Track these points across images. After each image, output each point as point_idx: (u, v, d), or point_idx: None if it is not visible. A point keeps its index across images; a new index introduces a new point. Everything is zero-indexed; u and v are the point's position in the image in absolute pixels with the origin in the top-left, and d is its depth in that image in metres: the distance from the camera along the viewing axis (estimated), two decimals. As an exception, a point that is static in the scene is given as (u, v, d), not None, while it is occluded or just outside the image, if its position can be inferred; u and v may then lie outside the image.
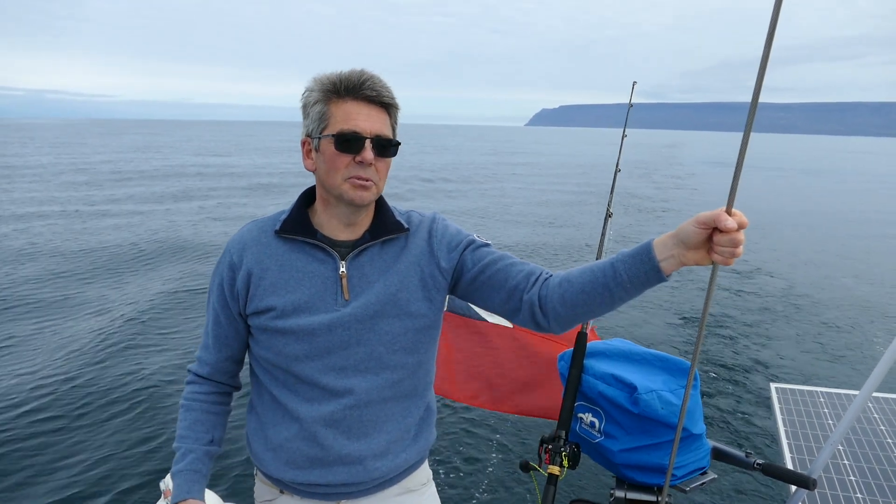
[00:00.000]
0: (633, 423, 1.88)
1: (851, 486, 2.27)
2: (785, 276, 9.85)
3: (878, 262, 10.83)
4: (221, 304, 1.44)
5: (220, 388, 1.55)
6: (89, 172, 25.97)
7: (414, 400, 1.49)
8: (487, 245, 1.46)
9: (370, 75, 1.33)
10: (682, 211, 17.79)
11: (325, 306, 1.37)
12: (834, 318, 7.73)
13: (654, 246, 1.17)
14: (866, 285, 9.17)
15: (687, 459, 1.90)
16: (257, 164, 33.19)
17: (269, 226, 1.43)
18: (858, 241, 13.07)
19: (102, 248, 10.92)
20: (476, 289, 1.43)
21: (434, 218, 1.49)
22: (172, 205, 16.67)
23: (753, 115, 0.96)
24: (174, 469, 1.45)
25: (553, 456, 1.85)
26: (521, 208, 17.93)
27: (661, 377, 1.93)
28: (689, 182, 27.74)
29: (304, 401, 1.40)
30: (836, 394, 3.11)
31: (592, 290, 1.25)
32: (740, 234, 1.05)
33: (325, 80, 1.33)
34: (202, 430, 1.49)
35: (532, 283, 1.35)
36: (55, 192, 18.75)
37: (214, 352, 1.49)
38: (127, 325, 7.03)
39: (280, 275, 1.38)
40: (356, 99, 1.32)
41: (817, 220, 16.40)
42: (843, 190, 26.25)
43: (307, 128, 1.37)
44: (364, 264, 1.40)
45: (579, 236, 13.60)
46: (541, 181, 27.26)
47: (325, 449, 1.40)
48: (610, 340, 2.19)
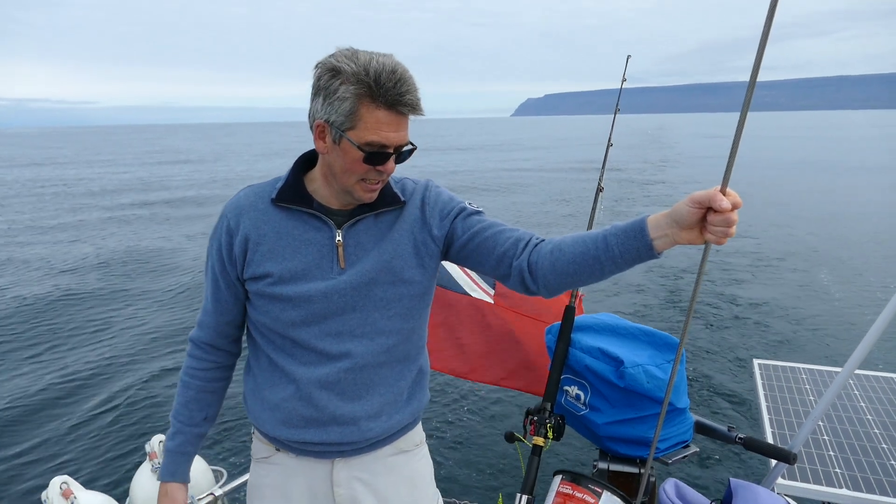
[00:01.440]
0: (618, 396, 1.90)
1: (830, 461, 2.31)
2: (771, 252, 9.92)
3: (866, 243, 10.92)
4: (220, 269, 1.44)
5: (221, 357, 1.54)
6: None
7: (407, 364, 1.51)
8: (479, 212, 1.46)
9: (407, 81, 1.24)
10: (668, 183, 17.82)
11: (321, 274, 1.38)
12: (819, 294, 7.82)
13: (648, 224, 1.17)
14: (852, 265, 9.26)
15: (670, 433, 1.92)
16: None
17: (265, 192, 1.42)
18: (849, 221, 13.15)
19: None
20: (467, 255, 1.44)
21: (427, 185, 1.49)
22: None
23: (751, 94, 0.94)
24: (166, 444, 1.51)
25: (538, 427, 1.86)
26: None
27: (648, 352, 1.94)
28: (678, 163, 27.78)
29: (300, 364, 1.42)
30: (817, 370, 3.15)
31: (583, 262, 1.26)
32: (734, 215, 1.05)
33: (358, 71, 1.22)
34: (196, 408, 1.52)
35: (521, 249, 1.36)
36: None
37: (215, 315, 1.49)
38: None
39: (277, 242, 1.39)
40: (390, 109, 1.24)
41: (808, 197, 16.46)
42: (837, 168, 26.28)
43: (327, 114, 1.26)
44: (360, 233, 1.40)
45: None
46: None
47: (319, 409, 1.42)
48: (598, 314, 2.20)
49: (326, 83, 1.25)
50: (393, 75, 1.22)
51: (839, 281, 8.44)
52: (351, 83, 1.22)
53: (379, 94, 1.22)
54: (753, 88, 0.95)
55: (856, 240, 10.99)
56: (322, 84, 1.26)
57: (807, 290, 8.06)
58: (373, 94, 1.22)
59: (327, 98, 1.25)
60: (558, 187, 18.57)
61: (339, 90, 1.23)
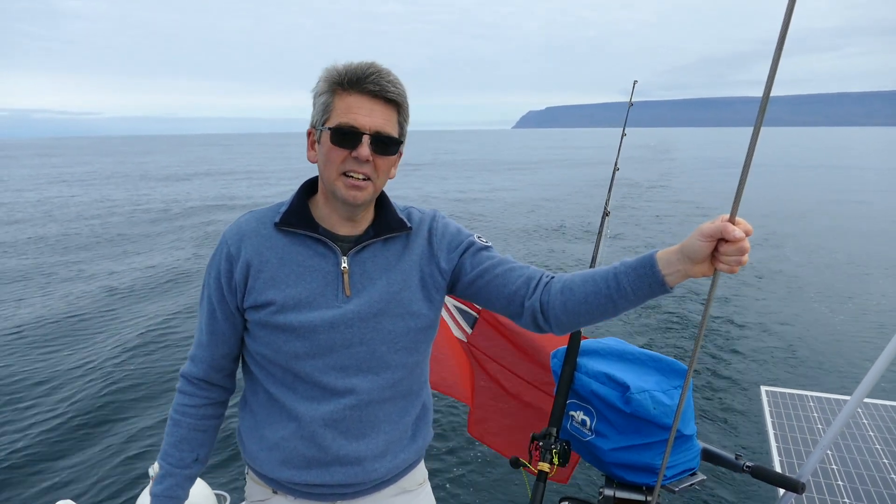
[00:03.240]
0: (624, 422, 1.88)
1: (839, 491, 2.28)
2: (780, 278, 9.88)
3: (877, 264, 10.86)
4: (218, 298, 1.38)
5: (214, 393, 1.47)
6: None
7: (411, 399, 1.48)
8: (488, 248, 1.44)
9: (378, 69, 1.28)
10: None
11: (325, 302, 1.34)
12: (828, 322, 7.76)
13: (658, 260, 1.17)
14: (861, 292, 9.20)
15: (677, 460, 1.90)
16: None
17: (268, 217, 1.38)
18: (860, 242, 13.07)
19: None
20: (475, 292, 1.42)
21: (434, 216, 1.47)
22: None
23: (762, 118, 0.93)
24: (153, 489, 1.44)
25: (543, 453, 1.85)
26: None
27: (654, 377, 1.93)
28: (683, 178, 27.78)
29: (303, 399, 1.36)
30: (825, 398, 3.12)
31: (595, 301, 1.26)
32: (746, 243, 1.04)
33: (333, 70, 1.29)
34: (187, 448, 1.45)
35: (533, 288, 1.35)
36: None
37: (210, 349, 1.43)
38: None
39: (280, 268, 1.34)
40: (360, 92, 1.28)
41: (817, 220, 16.37)
42: (845, 185, 26.10)
43: (312, 118, 1.34)
44: (366, 260, 1.37)
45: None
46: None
47: (323, 449, 1.37)
48: (604, 339, 2.19)
49: (313, 94, 1.33)
50: (364, 66, 1.28)
51: (849, 307, 8.38)
52: (327, 82, 1.30)
53: (347, 81, 1.28)
54: (763, 115, 0.93)
55: (867, 264, 10.93)
56: (313, 95, 1.33)
57: (816, 315, 8.01)
58: (342, 83, 1.28)
59: (314, 105, 1.33)
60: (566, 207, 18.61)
61: (320, 90, 1.31)
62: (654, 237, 13.79)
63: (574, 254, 11.82)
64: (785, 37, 0.87)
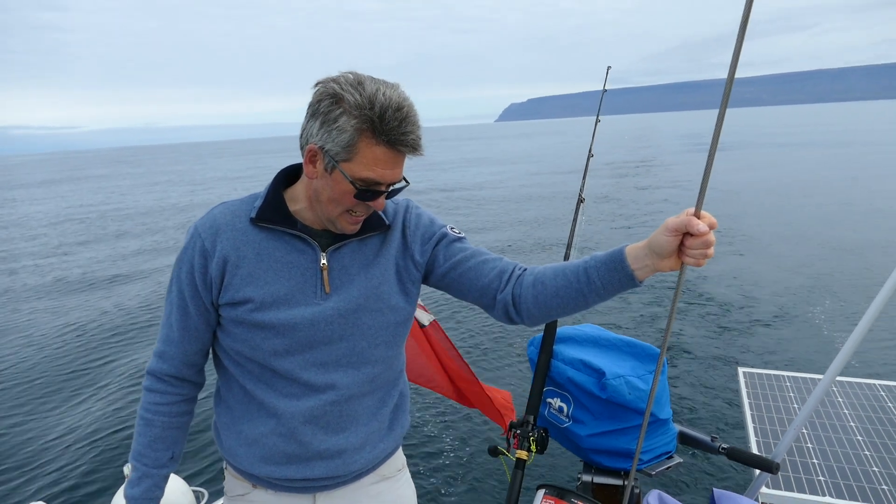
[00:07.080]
0: (600, 408, 1.89)
1: (814, 469, 2.32)
2: (753, 260, 10.01)
3: (852, 249, 11.06)
4: (191, 294, 1.33)
5: (186, 389, 1.43)
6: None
7: (388, 390, 1.47)
8: (461, 239, 1.43)
9: (412, 119, 1.19)
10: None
11: (304, 299, 1.31)
12: (802, 302, 7.88)
13: (627, 255, 1.18)
14: (834, 270, 9.36)
15: (654, 444, 1.91)
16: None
17: (243, 210, 1.34)
18: (830, 219, 13.27)
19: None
20: (448, 284, 1.42)
21: (407, 207, 1.45)
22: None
23: (724, 115, 0.93)
24: (128, 492, 1.39)
25: (521, 441, 1.84)
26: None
27: (630, 363, 1.93)
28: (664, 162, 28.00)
29: (282, 396, 1.35)
30: (801, 378, 3.16)
31: (566, 294, 1.27)
32: (711, 236, 1.05)
33: (363, 103, 1.16)
34: (162, 447, 1.41)
35: (505, 281, 1.35)
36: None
37: (182, 345, 1.38)
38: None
39: (258, 265, 1.31)
40: (391, 147, 1.19)
41: (787, 197, 16.55)
42: (813, 162, 26.41)
43: (323, 141, 1.20)
44: (344, 256, 1.35)
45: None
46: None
47: (303, 445, 1.36)
48: (580, 326, 2.19)
49: (326, 108, 1.19)
50: (398, 113, 1.17)
51: (825, 287, 8.52)
52: (353, 116, 1.16)
53: (382, 131, 1.17)
54: (722, 122, 0.93)
55: (842, 246, 11.10)
56: (322, 109, 1.20)
57: (793, 297, 8.13)
58: (375, 130, 1.17)
59: (325, 125, 1.19)
60: (541, 195, 18.67)
61: (340, 120, 1.17)
62: (633, 223, 13.89)
63: (548, 240, 11.90)
64: (747, 20, 0.87)
